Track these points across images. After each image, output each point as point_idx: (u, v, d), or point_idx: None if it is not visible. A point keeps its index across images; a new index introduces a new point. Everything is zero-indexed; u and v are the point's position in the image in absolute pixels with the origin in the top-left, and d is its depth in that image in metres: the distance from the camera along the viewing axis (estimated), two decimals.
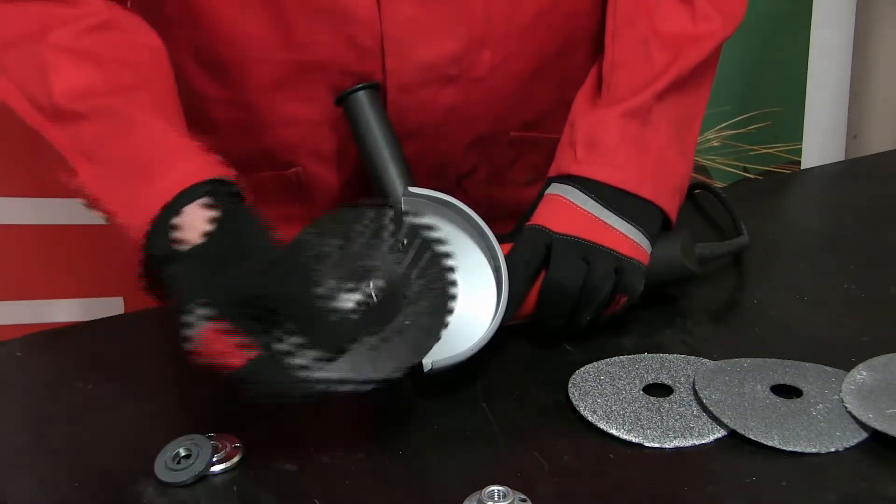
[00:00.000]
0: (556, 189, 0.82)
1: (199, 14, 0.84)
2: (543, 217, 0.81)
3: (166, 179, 0.70)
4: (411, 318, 0.69)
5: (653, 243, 0.83)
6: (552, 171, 0.85)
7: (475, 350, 0.75)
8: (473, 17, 0.86)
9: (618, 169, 0.82)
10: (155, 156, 0.72)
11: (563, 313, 0.79)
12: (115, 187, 0.72)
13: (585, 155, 0.83)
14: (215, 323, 0.66)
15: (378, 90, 0.84)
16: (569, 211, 0.80)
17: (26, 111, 0.75)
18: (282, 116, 0.88)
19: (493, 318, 0.76)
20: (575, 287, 0.77)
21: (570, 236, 0.79)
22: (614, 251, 0.79)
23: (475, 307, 0.77)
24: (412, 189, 0.81)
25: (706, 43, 0.87)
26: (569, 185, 0.82)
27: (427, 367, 0.73)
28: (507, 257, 0.78)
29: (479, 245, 0.79)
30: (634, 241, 0.80)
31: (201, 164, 0.72)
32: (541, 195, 0.83)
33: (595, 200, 0.81)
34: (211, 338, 0.66)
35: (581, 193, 0.81)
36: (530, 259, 0.78)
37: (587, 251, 0.78)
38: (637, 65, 0.86)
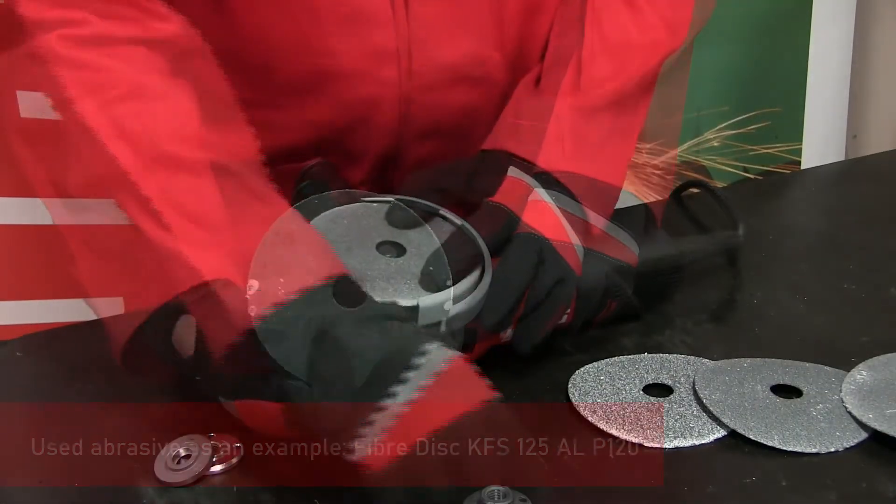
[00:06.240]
0: (541, 194, 0.82)
1: (234, 16, 0.83)
2: (532, 223, 0.80)
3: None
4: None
5: (639, 244, 0.82)
6: (541, 163, 0.83)
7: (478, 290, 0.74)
8: (489, 19, 0.87)
9: (606, 164, 0.82)
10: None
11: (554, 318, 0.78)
12: (117, 283, 0.75)
13: (575, 150, 0.82)
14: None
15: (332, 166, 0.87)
16: (556, 216, 0.80)
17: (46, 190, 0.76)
18: (305, 119, 0.88)
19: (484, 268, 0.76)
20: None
21: (560, 241, 0.79)
22: (604, 255, 0.79)
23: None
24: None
25: (652, 53, 0.86)
26: (554, 189, 0.81)
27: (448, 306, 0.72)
28: (501, 264, 0.77)
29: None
30: (623, 244, 0.80)
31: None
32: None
33: (582, 204, 0.80)
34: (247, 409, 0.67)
35: (567, 198, 0.80)
36: (526, 266, 0.77)
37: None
38: (586, 65, 0.85)
